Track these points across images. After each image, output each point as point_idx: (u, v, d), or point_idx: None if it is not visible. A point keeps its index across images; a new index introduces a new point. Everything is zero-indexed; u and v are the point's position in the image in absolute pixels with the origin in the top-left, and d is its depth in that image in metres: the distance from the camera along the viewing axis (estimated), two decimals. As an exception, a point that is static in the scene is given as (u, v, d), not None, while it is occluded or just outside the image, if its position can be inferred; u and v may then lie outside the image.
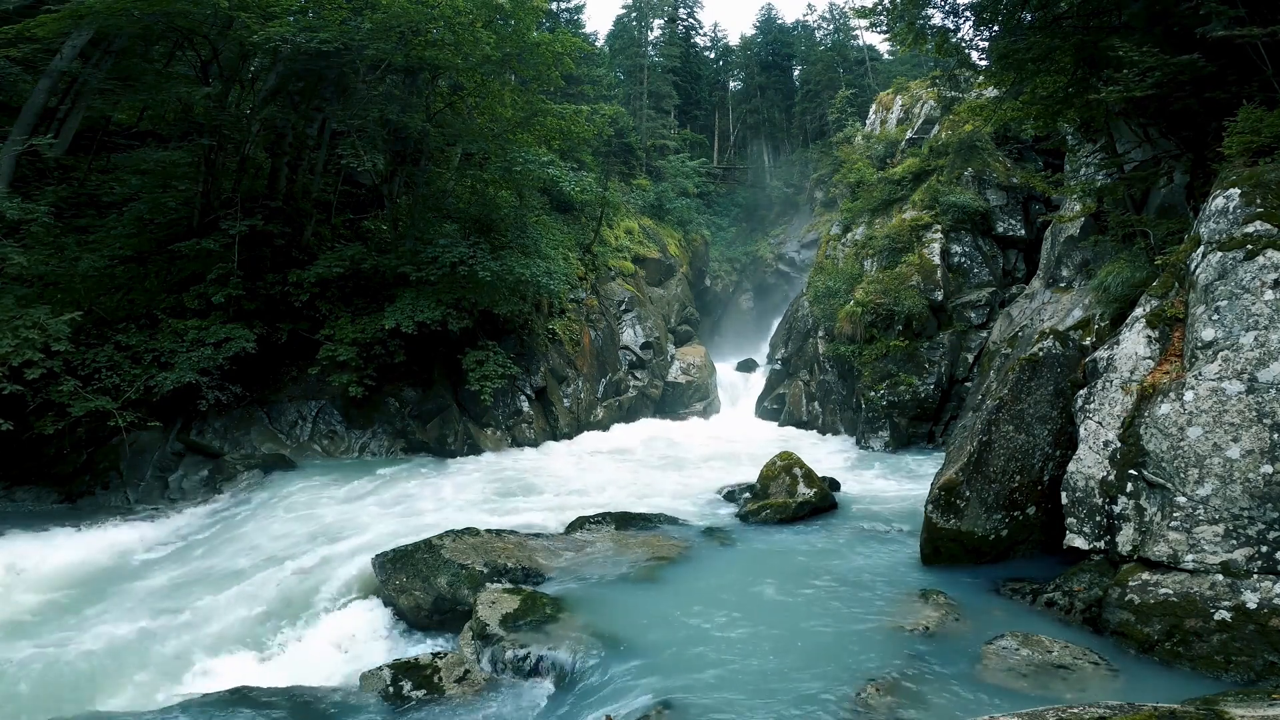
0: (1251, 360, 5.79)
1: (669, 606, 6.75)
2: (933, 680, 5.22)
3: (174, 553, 9.68)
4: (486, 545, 7.95)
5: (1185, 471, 5.92)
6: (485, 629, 6.25)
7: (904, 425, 16.33)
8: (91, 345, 11.96)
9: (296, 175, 16.31)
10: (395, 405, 15.06)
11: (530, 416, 17.15)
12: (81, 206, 13.78)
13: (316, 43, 13.12)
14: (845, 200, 23.43)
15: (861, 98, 37.24)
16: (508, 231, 16.65)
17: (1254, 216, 6.25)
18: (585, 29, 41.38)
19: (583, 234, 23.40)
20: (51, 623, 7.22)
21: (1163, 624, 5.57)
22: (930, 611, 6.38)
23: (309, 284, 14.38)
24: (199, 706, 5.51)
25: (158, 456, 12.66)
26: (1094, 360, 7.26)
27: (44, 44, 12.05)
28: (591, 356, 20.86)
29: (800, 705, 4.95)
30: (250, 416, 13.95)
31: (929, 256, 17.65)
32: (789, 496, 10.19)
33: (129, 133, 16.46)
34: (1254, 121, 6.92)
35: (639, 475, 13.97)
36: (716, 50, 55.04)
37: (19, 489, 11.55)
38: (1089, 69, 9.25)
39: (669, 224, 32.29)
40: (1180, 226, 9.05)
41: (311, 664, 6.57)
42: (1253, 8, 7.51)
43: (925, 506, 7.73)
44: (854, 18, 36.21)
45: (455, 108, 17.13)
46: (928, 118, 22.64)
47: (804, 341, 22.20)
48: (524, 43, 15.64)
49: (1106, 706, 3.59)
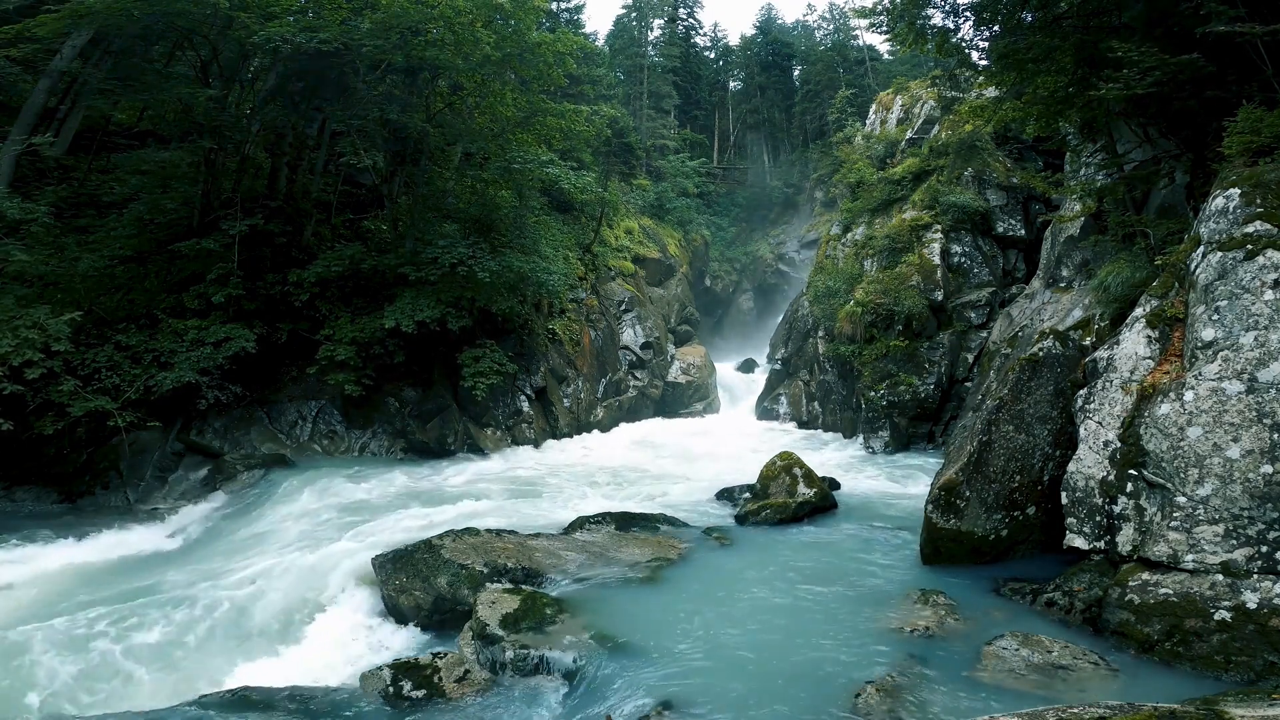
0: (1251, 360, 5.79)
1: (669, 607, 6.75)
2: (932, 680, 5.22)
3: (173, 553, 9.69)
4: (486, 545, 7.95)
5: (1185, 471, 5.92)
6: (485, 629, 6.25)
7: (904, 425, 16.32)
8: (91, 345, 11.96)
9: (296, 175, 16.31)
10: (395, 405, 15.06)
11: (530, 416, 17.15)
12: (81, 206, 13.78)
13: (316, 43, 13.11)
14: (845, 200, 23.42)
15: (861, 98, 37.26)
16: (507, 231, 16.65)
17: (1254, 216, 6.25)
18: (585, 29, 41.36)
19: (583, 234, 23.40)
20: (50, 623, 7.21)
21: (1163, 624, 5.57)
22: (930, 612, 6.38)
23: (309, 284, 14.38)
24: (199, 706, 5.51)
25: (158, 456, 12.65)
26: (1094, 360, 7.26)
27: (44, 44, 12.05)
28: (591, 356, 20.86)
29: (800, 705, 4.95)
30: (250, 416, 13.94)
31: (929, 256, 17.65)
32: (789, 496, 10.19)
33: (129, 133, 16.45)
34: (1254, 121, 6.92)
35: (639, 475, 13.97)
36: (716, 50, 55.09)
37: (19, 489, 11.54)
38: (1089, 69, 9.24)
39: (669, 224, 32.31)
40: (1180, 226, 9.05)
41: (311, 664, 6.57)
42: (1252, 7, 7.51)
43: (925, 506, 7.72)
44: (854, 18, 36.29)
45: (455, 108, 17.14)
46: (928, 118, 22.63)
47: (804, 341, 22.20)
48: (524, 43, 15.63)
49: (1106, 706, 3.59)
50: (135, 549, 9.74)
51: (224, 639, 6.97)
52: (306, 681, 6.09)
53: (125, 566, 9.08)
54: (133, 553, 9.60)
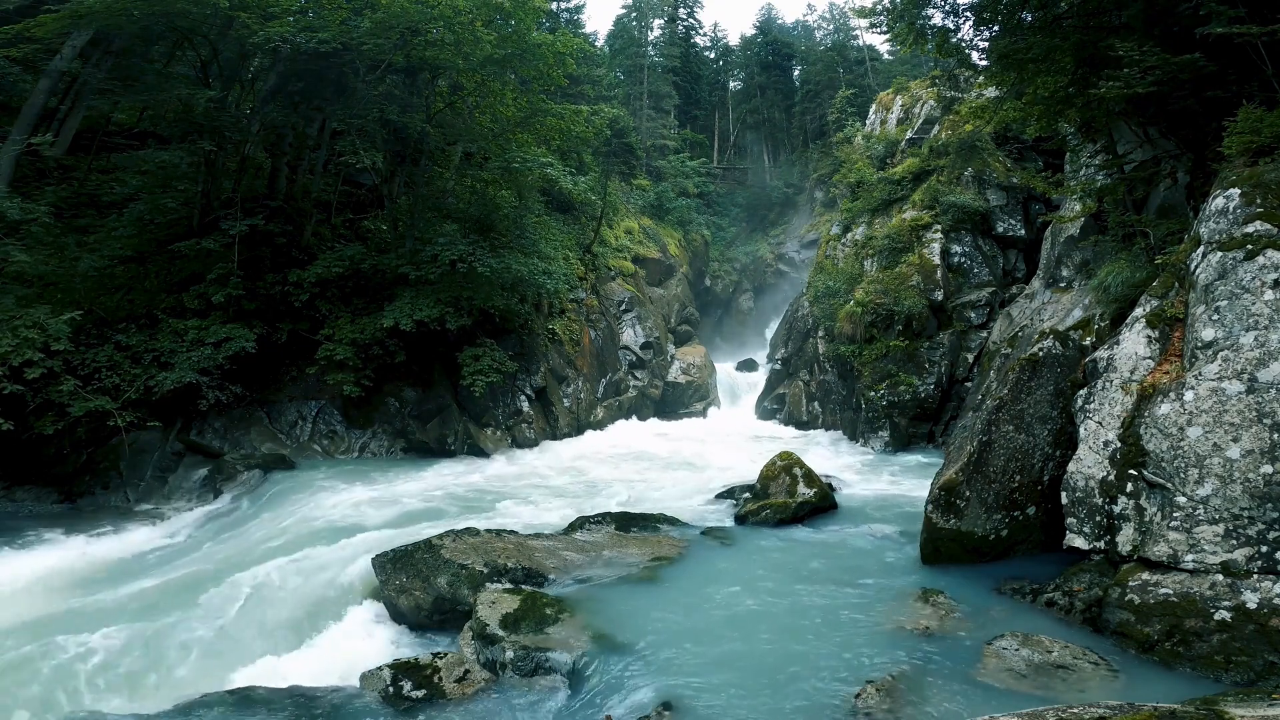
0: (1251, 360, 5.79)
1: (669, 607, 6.75)
2: (932, 680, 5.22)
3: (173, 553, 9.68)
4: (486, 545, 7.94)
5: (1185, 471, 5.92)
6: (485, 629, 6.25)
7: (904, 425, 16.33)
8: (91, 345, 11.96)
9: (296, 175, 16.32)
10: (395, 405, 15.07)
11: (530, 416, 17.15)
12: (81, 206, 13.78)
13: (316, 43, 13.12)
14: (845, 200, 23.41)
15: (861, 98, 37.24)
16: (507, 231, 16.66)
17: (1254, 216, 6.25)
18: (585, 29, 41.44)
19: (583, 234, 23.40)
20: (50, 623, 7.21)
21: (1163, 624, 5.57)
22: (930, 611, 6.38)
23: (309, 284, 14.38)
24: (199, 706, 5.51)
25: (158, 456, 12.66)
26: (1094, 360, 7.26)
27: (44, 44, 12.06)
28: (591, 356, 20.86)
29: (800, 705, 4.95)
30: (250, 416, 13.95)
31: (929, 256, 17.65)
32: (789, 496, 10.19)
33: (129, 133, 16.46)
34: (1254, 121, 6.92)
35: (639, 475, 13.97)
36: (716, 50, 55.10)
37: (19, 489, 11.54)
38: (1089, 69, 9.24)
39: (669, 224, 32.30)
40: (1180, 226, 9.06)
41: (311, 664, 6.56)
42: (1252, 7, 7.51)
43: (925, 506, 7.72)
44: (854, 18, 36.35)
45: (455, 108, 17.14)
46: (928, 118, 22.62)
47: (804, 341, 22.20)
48: (524, 43, 15.63)
49: (1106, 706, 3.58)
50: (135, 549, 9.73)
51: (224, 639, 6.96)
52: (307, 681, 6.09)
53: (125, 567, 9.07)
54: (132, 553, 9.59)
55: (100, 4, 11.33)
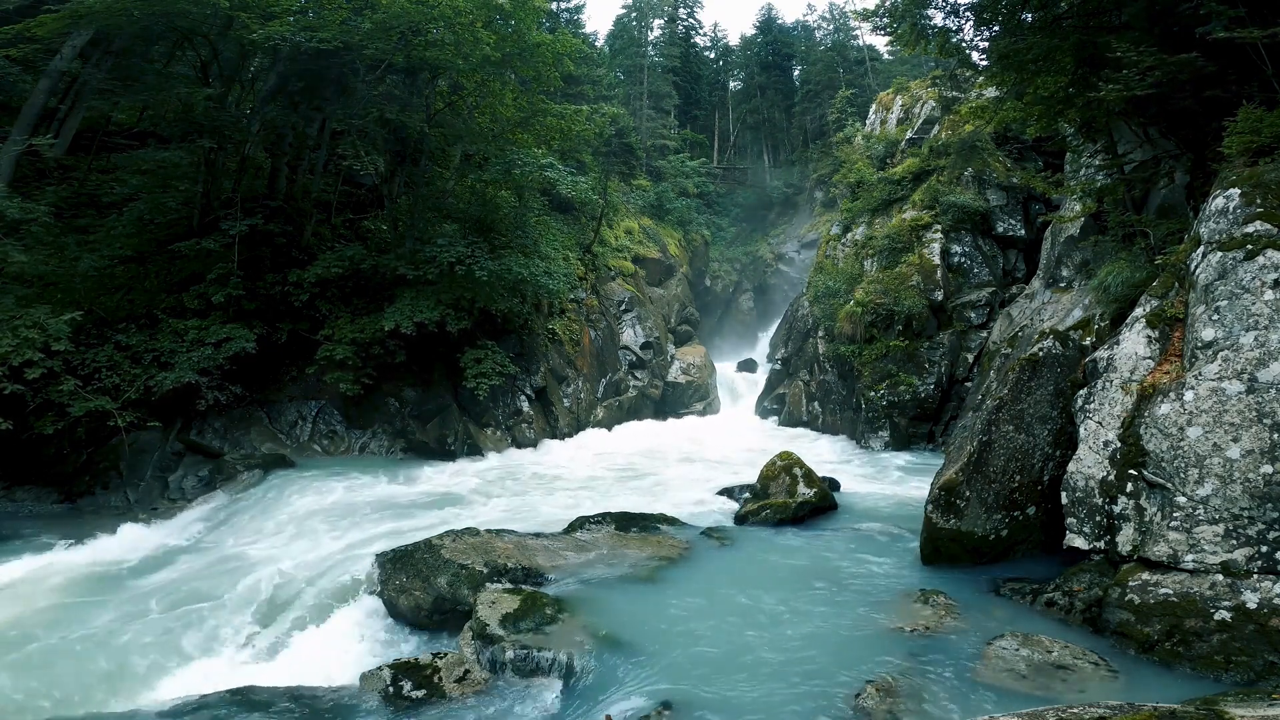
0: (1251, 360, 5.79)
1: (669, 607, 6.75)
2: (932, 680, 5.22)
3: (174, 552, 9.67)
4: (486, 545, 7.94)
5: (1185, 471, 5.92)
6: (485, 629, 6.24)
7: (904, 425, 16.33)
8: (91, 345, 11.96)
9: (296, 175, 16.31)
10: (395, 405, 15.06)
11: (530, 416, 17.15)
12: (81, 206, 13.78)
13: (316, 42, 13.12)
14: (845, 200, 23.42)
15: (861, 98, 37.26)
16: (507, 232, 16.65)
17: (1254, 216, 6.25)
18: (585, 29, 41.45)
19: (583, 234, 23.40)
20: (51, 623, 7.22)
21: (1163, 624, 5.57)
22: (930, 611, 6.38)
23: (309, 284, 14.38)
24: (199, 706, 5.52)
25: (157, 456, 12.65)
26: (1094, 360, 7.26)
27: (44, 44, 12.06)
28: (591, 356, 20.86)
29: (800, 705, 4.95)
30: (250, 416, 13.94)
31: (929, 256, 17.65)
32: (789, 496, 10.19)
33: (129, 133, 16.46)
34: (1254, 121, 6.92)
35: (639, 475, 13.96)
36: (716, 50, 55.12)
37: (19, 489, 11.54)
38: (1089, 69, 9.24)
39: (669, 224, 32.30)
40: (1180, 226, 9.06)
41: (311, 664, 6.56)
42: (1252, 8, 7.51)
43: (925, 506, 7.72)
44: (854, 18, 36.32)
45: (455, 108, 17.14)
46: (928, 118, 22.63)
47: (804, 341, 22.20)
48: (524, 43, 15.64)
49: (1106, 706, 3.59)
50: (135, 549, 9.71)
51: (224, 638, 6.97)
52: (306, 681, 6.09)
53: (125, 567, 9.06)
54: (132, 553, 9.57)
55: (100, 4, 11.33)
